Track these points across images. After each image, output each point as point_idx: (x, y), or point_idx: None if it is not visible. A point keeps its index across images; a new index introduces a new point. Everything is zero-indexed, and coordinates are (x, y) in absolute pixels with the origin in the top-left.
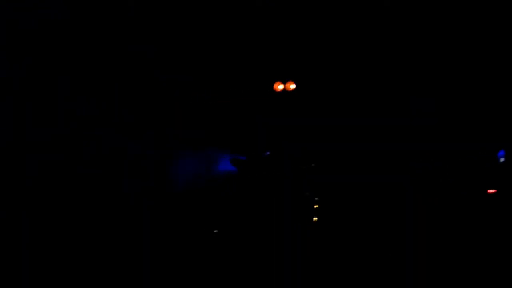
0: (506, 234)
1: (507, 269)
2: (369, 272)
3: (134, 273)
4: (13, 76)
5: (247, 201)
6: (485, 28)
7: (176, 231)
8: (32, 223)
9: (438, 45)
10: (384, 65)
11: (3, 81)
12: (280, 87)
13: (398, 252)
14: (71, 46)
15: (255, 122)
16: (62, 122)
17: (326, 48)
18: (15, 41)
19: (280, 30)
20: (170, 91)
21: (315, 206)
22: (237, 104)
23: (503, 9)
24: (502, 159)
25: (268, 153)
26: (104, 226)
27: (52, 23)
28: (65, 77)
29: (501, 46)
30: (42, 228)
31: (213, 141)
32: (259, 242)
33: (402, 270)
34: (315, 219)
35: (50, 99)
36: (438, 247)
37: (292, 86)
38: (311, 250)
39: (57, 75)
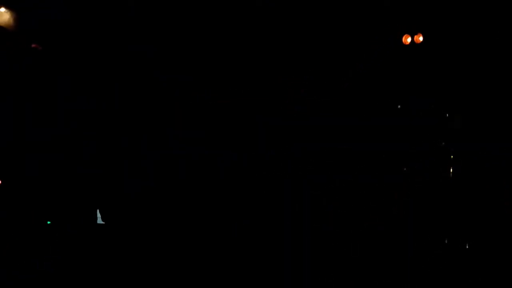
0: (506, 235)
1: (508, 269)
2: (369, 272)
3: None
4: (13, 76)
5: (247, 201)
6: (485, 28)
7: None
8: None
9: (438, 45)
10: (383, 65)
11: (3, 81)
12: (408, 40)
13: (399, 252)
14: (71, 46)
15: (255, 122)
16: (62, 122)
17: (325, 48)
18: (15, 41)
19: (279, 30)
20: (170, 91)
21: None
22: (237, 104)
23: (503, 9)
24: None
25: (268, 153)
26: (104, 227)
27: (52, 23)
28: (65, 77)
29: (502, 45)
30: (42, 228)
31: (213, 141)
32: (259, 242)
33: (403, 270)
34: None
35: (50, 99)
36: (438, 247)
37: (421, 39)
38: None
39: (57, 75)
